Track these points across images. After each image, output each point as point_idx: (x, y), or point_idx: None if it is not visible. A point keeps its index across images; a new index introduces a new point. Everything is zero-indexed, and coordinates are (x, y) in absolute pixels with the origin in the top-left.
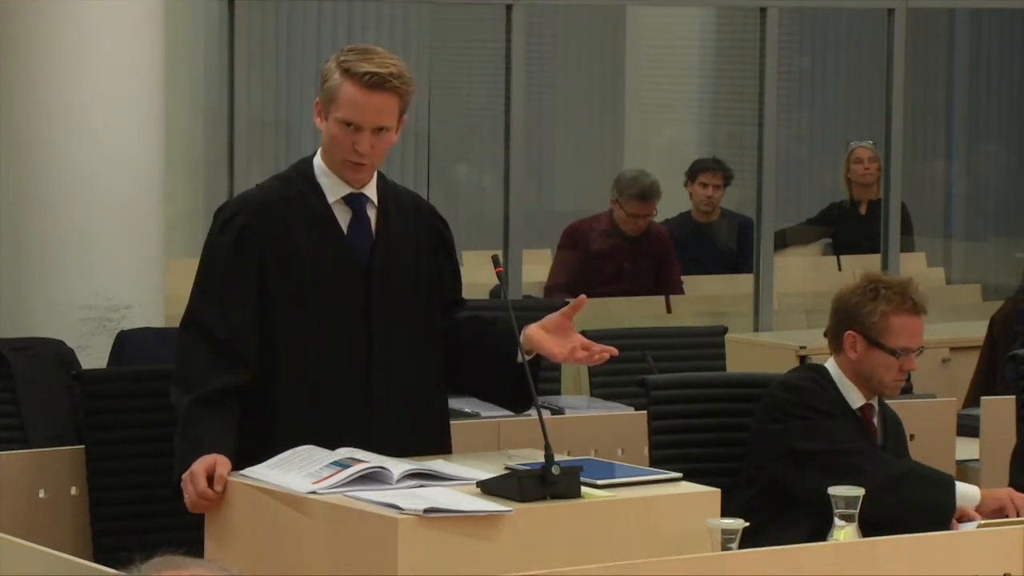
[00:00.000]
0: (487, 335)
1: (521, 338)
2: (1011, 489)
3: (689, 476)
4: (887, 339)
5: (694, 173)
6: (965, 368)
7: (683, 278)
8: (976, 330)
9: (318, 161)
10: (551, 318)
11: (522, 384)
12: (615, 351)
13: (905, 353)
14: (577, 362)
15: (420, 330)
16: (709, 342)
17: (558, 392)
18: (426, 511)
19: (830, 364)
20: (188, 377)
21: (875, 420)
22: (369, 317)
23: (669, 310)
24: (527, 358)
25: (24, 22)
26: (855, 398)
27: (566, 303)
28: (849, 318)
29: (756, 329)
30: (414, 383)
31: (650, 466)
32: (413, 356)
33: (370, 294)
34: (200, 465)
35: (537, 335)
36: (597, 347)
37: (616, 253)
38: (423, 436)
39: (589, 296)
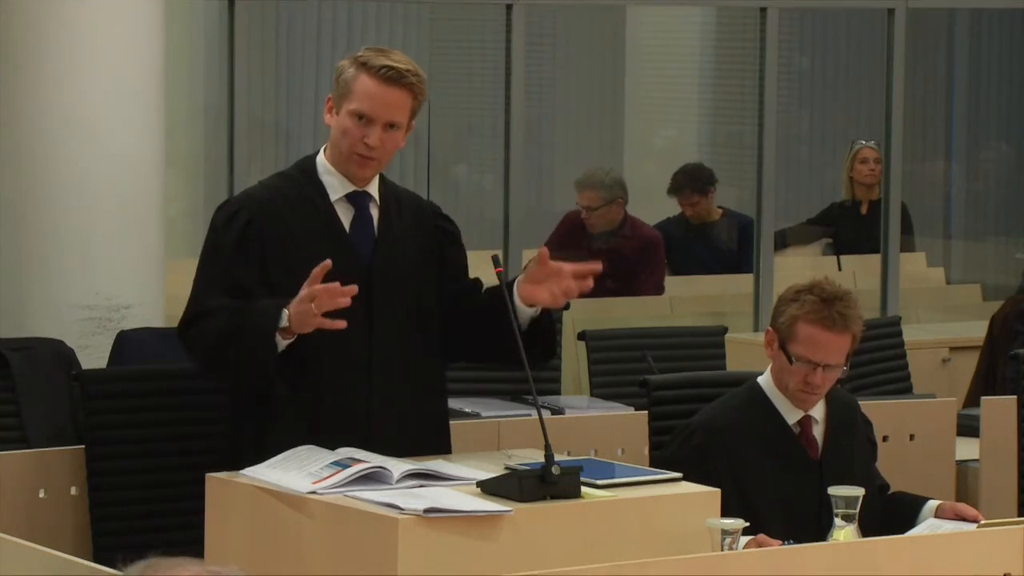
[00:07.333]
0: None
1: (517, 299)
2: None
3: None
4: (790, 344)
5: (673, 192)
6: (965, 368)
7: (683, 278)
8: (976, 330)
9: (322, 159)
10: (531, 272)
11: (531, 340)
12: (597, 267)
13: (805, 365)
14: (569, 295)
15: (421, 330)
16: (709, 342)
17: (558, 392)
18: (426, 511)
19: (764, 376)
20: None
21: (815, 432)
22: (371, 316)
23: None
24: (536, 313)
25: (24, 22)
26: (790, 412)
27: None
28: (774, 315)
29: (756, 329)
30: (414, 383)
31: (650, 466)
32: (414, 356)
33: (372, 293)
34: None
35: (528, 292)
36: (584, 269)
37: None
38: (422, 436)
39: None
